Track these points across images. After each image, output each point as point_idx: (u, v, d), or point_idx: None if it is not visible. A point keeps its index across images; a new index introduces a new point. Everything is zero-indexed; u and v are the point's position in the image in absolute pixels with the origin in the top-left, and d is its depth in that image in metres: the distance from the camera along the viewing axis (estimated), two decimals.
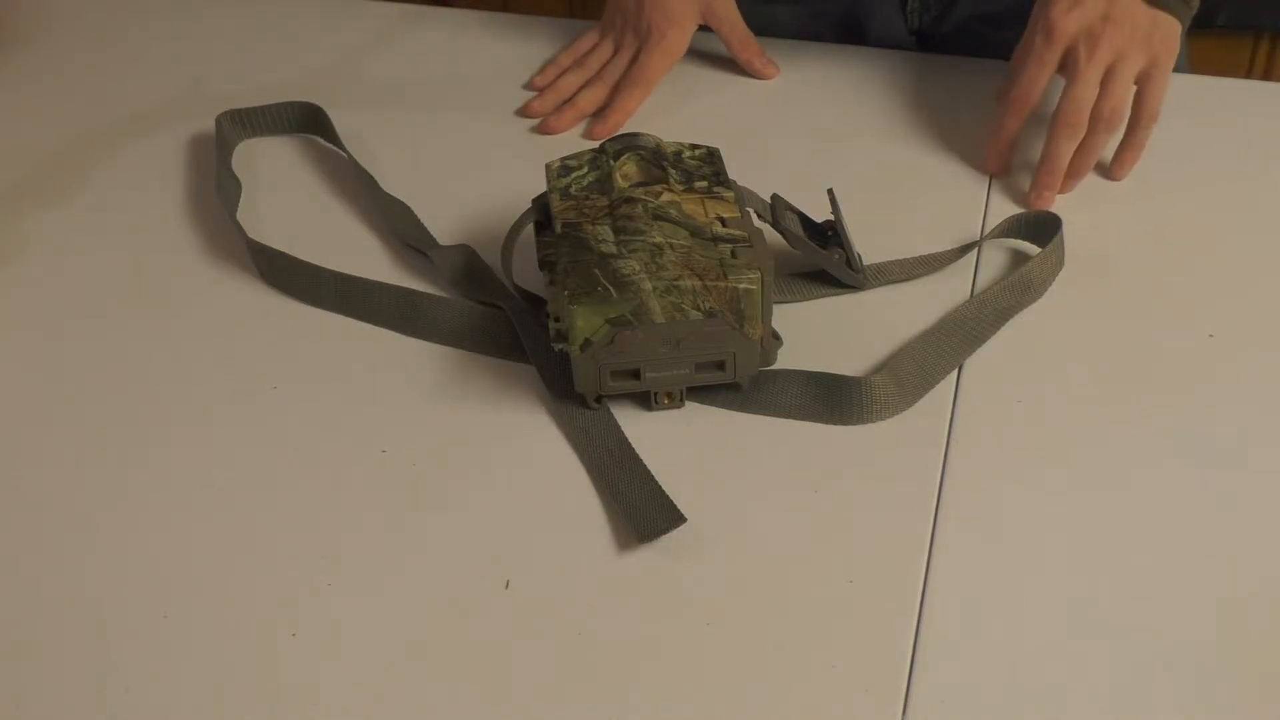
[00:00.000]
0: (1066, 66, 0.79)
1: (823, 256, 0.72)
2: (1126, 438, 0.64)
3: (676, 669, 0.54)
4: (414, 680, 0.54)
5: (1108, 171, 0.81)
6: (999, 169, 0.82)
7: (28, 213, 0.82)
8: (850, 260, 0.72)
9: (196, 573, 0.58)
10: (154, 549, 0.60)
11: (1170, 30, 0.79)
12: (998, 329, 0.70)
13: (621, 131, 0.72)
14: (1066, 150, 0.78)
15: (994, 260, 0.75)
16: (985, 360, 0.69)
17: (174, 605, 0.57)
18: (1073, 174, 0.80)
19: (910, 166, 0.84)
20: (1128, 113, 0.79)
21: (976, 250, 0.75)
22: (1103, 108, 0.78)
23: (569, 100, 0.90)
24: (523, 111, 0.90)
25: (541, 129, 0.88)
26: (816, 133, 0.87)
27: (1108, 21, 0.77)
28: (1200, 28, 1.01)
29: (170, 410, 0.67)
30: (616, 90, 0.90)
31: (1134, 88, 0.79)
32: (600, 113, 0.89)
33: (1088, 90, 0.77)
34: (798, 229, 0.71)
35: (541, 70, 0.94)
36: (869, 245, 0.75)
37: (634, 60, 0.91)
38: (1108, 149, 0.81)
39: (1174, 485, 0.62)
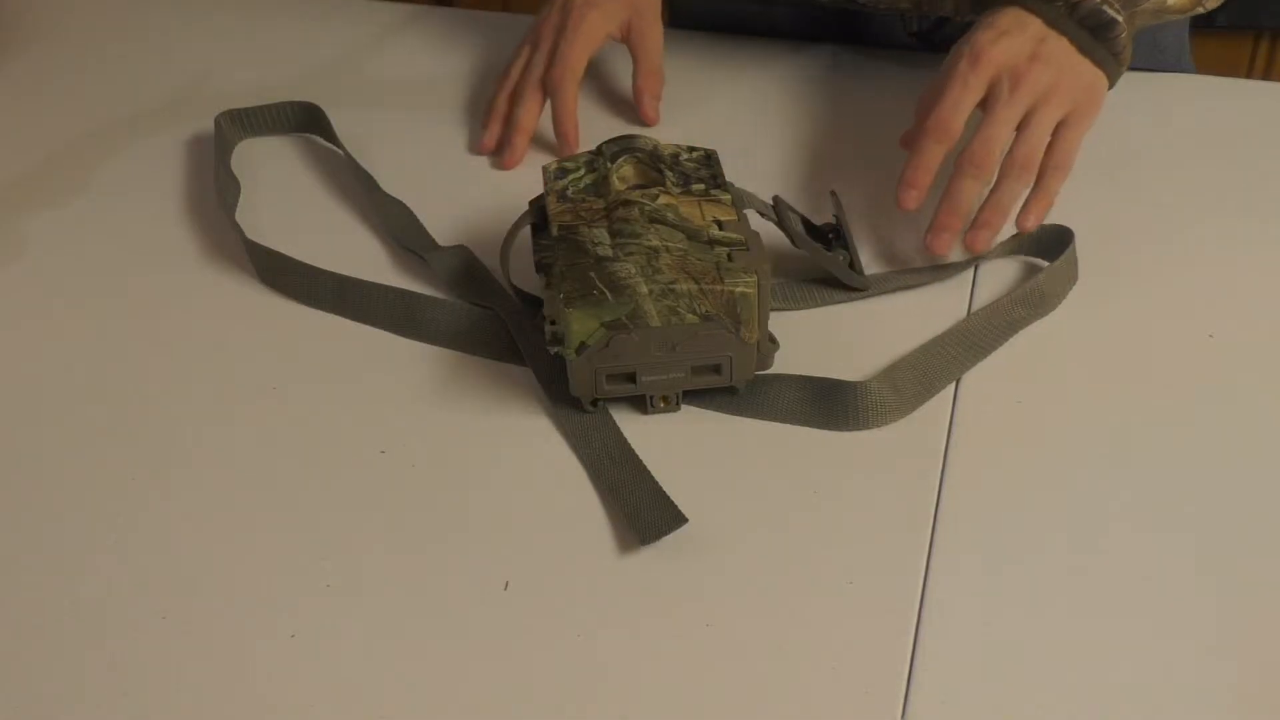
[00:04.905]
0: (984, 102, 0.73)
1: (827, 258, 0.71)
2: (1126, 438, 0.64)
3: (676, 669, 0.54)
4: (413, 681, 0.54)
5: (1016, 221, 0.74)
6: (915, 202, 0.74)
7: (28, 213, 0.82)
8: (854, 262, 0.72)
9: (195, 573, 0.59)
10: (152, 549, 0.60)
11: (1097, 83, 0.74)
12: (1004, 341, 0.69)
13: (619, 134, 0.72)
14: (970, 191, 0.72)
15: (998, 270, 0.75)
16: (984, 363, 0.69)
17: (172, 606, 0.57)
18: (983, 224, 0.73)
19: None
20: (1039, 161, 0.73)
21: (975, 262, 0.75)
22: (1017, 153, 0.72)
23: (513, 123, 0.85)
24: (475, 150, 0.87)
25: (499, 166, 0.85)
26: (816, 134, 0.87)
27: (1035, 61, 0.72)
28: (1200, 27, 1.00)
29: (168, 410, 0.67)
30: (551, 96, 0.85)
31: (1049, 136, 0.73)
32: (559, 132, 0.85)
33: (1002, 131, 0.72)
34: (801, 230, 0.71)
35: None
36: (867, 249, 0.75)
37: (553, 52, 0.86)
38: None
39: (1173, 485, 0.62)
